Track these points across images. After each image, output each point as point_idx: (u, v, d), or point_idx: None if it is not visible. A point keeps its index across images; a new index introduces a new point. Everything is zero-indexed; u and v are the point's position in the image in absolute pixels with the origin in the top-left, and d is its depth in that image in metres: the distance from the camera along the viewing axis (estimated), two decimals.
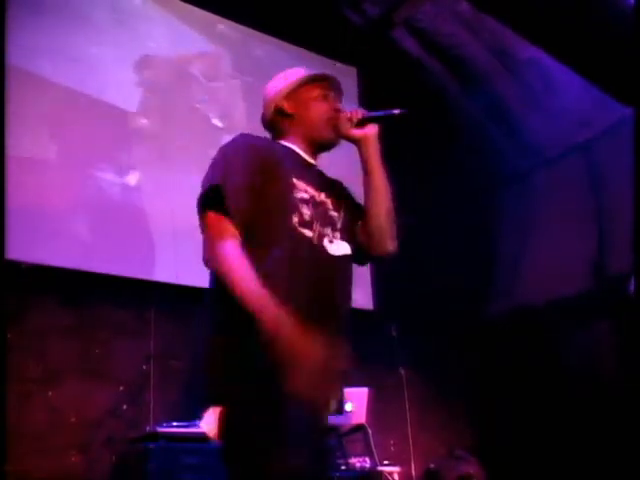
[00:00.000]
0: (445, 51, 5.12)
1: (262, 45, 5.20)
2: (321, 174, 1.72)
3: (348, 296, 1.65)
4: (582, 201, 5.06)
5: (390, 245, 1.72)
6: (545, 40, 4.26)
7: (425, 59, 5.19)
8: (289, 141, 1.70)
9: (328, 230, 1.60)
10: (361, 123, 1.67)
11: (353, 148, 1.73)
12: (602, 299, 4.66)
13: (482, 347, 5.33)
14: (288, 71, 1.78)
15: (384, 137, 1.75)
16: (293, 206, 1.54)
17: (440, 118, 5.46)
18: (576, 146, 5.17)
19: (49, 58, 4.03)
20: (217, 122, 4.75)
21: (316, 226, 1.57)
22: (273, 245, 1.50)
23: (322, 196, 1.63)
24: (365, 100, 5.35)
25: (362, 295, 4.89)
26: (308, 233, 1.54)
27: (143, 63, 4.50)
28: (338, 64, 5.23)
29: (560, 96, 4.94)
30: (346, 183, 1.84)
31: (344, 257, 1.62)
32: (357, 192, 1.79)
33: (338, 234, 1.63)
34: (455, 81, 5.30)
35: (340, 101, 1.76)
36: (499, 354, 5.28)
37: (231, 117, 4.84)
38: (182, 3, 4.81)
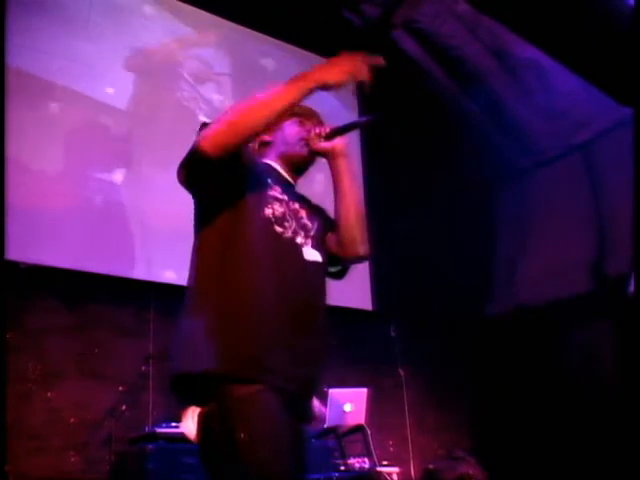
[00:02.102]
0: (444, 52, 5.12)
1: (260, 46, 5.21)
2: (299, 194, 1.79)
3: (322, 300, 1.67)
4: (581, 201, 5.06)
5: (361, 249, 1.78)
6: (544, 40, 4.26)
7: (424, 60, 5.19)
8: (271, 161, 1.78)
9: (302, 233, 1.65)
10: (330, 137, 1.75)
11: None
12: (602, 299, 4.66)
13: (481, 347, 5.33)
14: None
15: (385, 138, 1.76)
16: (266, 200, 1.61)
17: (440, 119, 5.46)
18: (575, 146, 5.18)
19: (48, 58, 4.04)
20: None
21: (289, 224, 1.62)
22: (246, 237, 1.54)
23: (296, 205, 1.69)
24: (364, 101, 5.35)
25: (361, 295, 4.89)
26: (277, 229, 1.59)
27: (142, 64, 4.51)
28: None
29: (559, 96, 4.94)
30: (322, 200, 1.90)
31: (315, 263, 1.65)
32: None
33: (310, 241, 1.66)
34: (454, 82, 5.30)
35: (314, 121, 1.84)
36: (498, 354, 5.28)
37: None
38: (181, 3, 4.82)
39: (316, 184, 1.96)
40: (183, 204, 1.77)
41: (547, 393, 4.94)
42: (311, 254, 1.65)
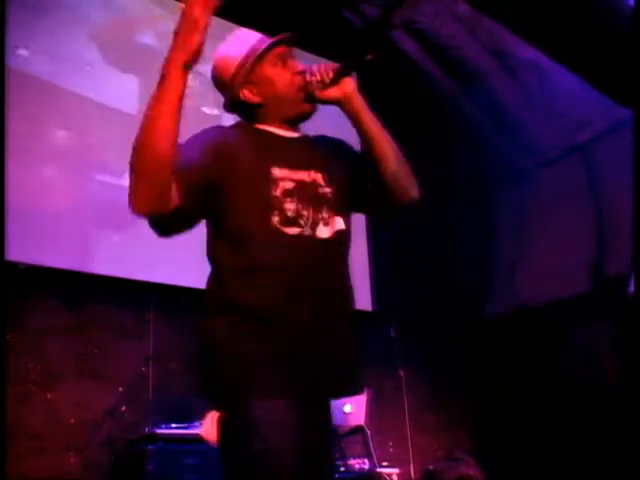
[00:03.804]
0: (444, 52, 5.12)
1: None
2: (305, 146, 1.57)
3: (346, 275, 1.55)
4: (582, 201, 5.06)
5: (414, 192, 1.59)
6: (544, 41, 4.26)
7: (424, 60, 5.19)
8: (264, 124, 1.56)
9: (322, 212, 1.48)
10: (335, 81, 1.49)
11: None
12: (602, 299, 4.66)
13: (482, 348, 5.33)
14: (231, 44, 1.57)
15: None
16: (272, 205, 1.42)
17: (439, 119, 5.46)
18: (576, 146, 5.18)
19: (48, 60, 4.03)
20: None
21: (306, 216, 1.45)
22: (256, 252, 1.42)
23: (310, 174, 1.49)
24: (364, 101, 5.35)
25: (361, 296, 4.87)
26: (292, 231, 1.43)
27: (142, 64, 4.51)
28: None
29: (560, 96, 4.94)
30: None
31: (337, 236, 1.50)
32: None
33: (333, 210, 1.49)
34: (454, 82, 5.30)
35: (292, 55, 1.58)
36: (499, 355, 5.28)
37: (229, 117, 4.84)
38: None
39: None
40: None
41: (547, 393, 4.94)
42: (334, 225, 1.49)
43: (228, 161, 1.42)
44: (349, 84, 1.51)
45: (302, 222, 1.44)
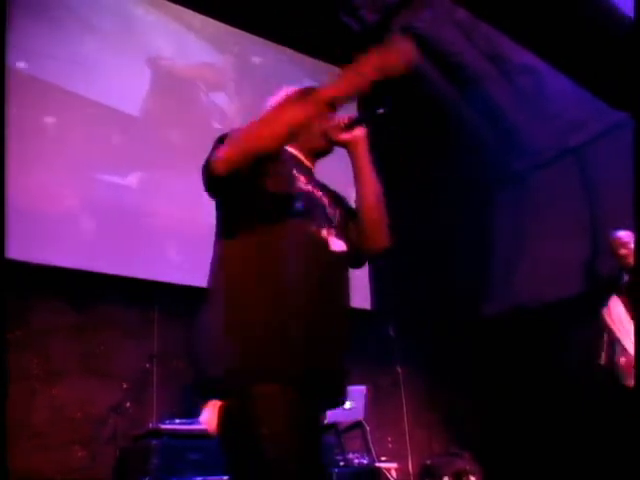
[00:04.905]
0: (442, 57, 5.16)
1: (262, 50, 5.24)
2: (319, 181, 1.75)
3: (347, 291, 1.64)
4: (577, 203, 5.10)
5: (384, 240, 1.74)
6: (540, 46, 4.29)
7: (423, 65, 5.22)
8: (290, 146, 1.72)
9: (326, 224, 1.61)
10: (349, 127, 1.71)
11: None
12: (599, 299, 4.69)
13: (478, 346, 5.37)
14: (283, 91, 1.80)
15: (385, 139, 1.71)
16: (294, 194, 1.57)
17: (437, 122, 5.50)
18: (571, 149, 5.22)
19: (51, 61, 4.07)
20: (218, 125, 4.80)
21: (315, 216, 1.59)
22: (274, 229, 1.53)
23: (319, 194, 1.66)
24: (364, 105, 5.39)
25: (360, 295, 4.91)
26: (306, 222, 1.56)
27: (145, 67, 4.54)
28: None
29: (555, 100, 4.98)
30: (342, 188, 1.86)
31: (341, 252, 1.62)
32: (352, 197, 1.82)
33: (334, 231, 1.63)
34: (452, 86, 5.34)
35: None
36: (496, 353, 5.31)
37: (231, 120, 4.89)
38: (183, 9, 4.85)
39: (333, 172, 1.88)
40: (188, 205, 1.80)
41: (544, 391, 4.98)
42: (336, 244, 1.61)
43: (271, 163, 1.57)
44: (358, 132, 1.73)
45: (312, 218, 1.58)
